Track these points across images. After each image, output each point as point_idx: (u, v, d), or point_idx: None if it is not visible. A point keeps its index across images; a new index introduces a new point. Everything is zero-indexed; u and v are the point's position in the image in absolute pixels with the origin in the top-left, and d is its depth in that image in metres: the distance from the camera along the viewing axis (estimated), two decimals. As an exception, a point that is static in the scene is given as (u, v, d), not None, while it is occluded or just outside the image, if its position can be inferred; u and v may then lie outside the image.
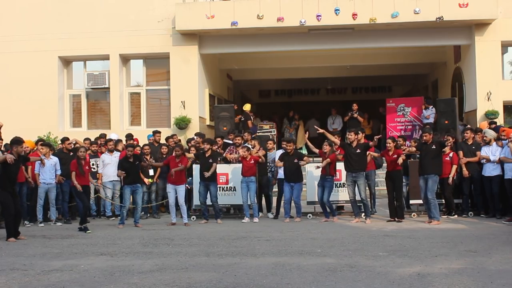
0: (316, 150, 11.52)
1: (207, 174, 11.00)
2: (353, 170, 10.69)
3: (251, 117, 16.75)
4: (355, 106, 17.21)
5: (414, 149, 11.04)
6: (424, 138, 10.83)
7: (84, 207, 10.60)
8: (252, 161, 11.27)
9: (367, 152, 10.99)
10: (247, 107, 16.75)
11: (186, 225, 10.85)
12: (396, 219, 10.77)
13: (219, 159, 11.77)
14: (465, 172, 11.30)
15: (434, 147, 10.64)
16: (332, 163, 11.02)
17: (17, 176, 9.81)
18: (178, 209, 11.26)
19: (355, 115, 16.96)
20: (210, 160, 11.21)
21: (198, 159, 11.53)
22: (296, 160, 11.08)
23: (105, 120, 17.09)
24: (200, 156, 11.42)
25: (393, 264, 6.82)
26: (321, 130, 11.96)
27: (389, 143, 10.87)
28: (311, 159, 11.69)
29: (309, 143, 11.65)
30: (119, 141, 12.83)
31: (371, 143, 10.96)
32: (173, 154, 11.41)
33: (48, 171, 11.25)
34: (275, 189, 12.26)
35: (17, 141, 9.62)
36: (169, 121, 16.27)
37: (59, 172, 11.53)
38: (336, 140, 11.36)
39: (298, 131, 19.43)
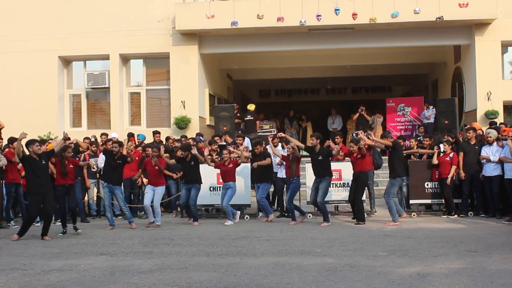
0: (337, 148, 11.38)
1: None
2: (319, 175, 10.66)
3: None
4: (364, 108, 17.25)
5: (389, 143, 10.81)
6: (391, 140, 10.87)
7: (72, 205, 10.38)
8: (231, 165, 11.10)
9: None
10: (252, 107, 16.69)
11: (157, 226, 10.69)
12: (362, 222, 10.54)
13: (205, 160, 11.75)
14: (462, 174, 11.30)
15: (390, 149, 10.68)
16: (297, 161, 10.90)
17: (47, 175, 9.60)
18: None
19: (364, 114, 17.06)
20: (192, 163, 11.02)
21: (180, 164, 11.35)
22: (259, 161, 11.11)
23: (105, 120, 17.10)
24: (181, 161, 11.22)
25: (393, 264, 6.82)
26: (282, 135, 11.86)
27: (352, 147, 10.72)
28: (269, 160, 11.39)
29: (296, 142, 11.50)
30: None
31: (334, 151, 10.72)
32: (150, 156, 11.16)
33: None
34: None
35: (31, 141, 9.48)
36: (169, 121, 16.28)
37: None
38: (300, 144, 11.34)
39: (306, 132, 19.40)
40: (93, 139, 12.81)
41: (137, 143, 13.40)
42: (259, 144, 11.38)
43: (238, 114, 16.99)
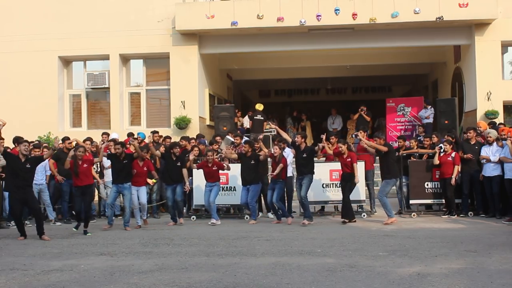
0: (330, 152, 11.40)
1: (187, 188, 11.00)
2: (301, 173, 10.66)
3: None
4: (364, 109, 17.21)
5: (375, 148, 10.84)
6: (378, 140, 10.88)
7: (86, 208, 10.31)
8: (215, 167, 11.05)
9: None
10: (261, 107, 16.64)
11: (145, 222, 10.78)
12: (347, 220, 10.54)
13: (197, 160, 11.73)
14: (468, 155, 11.28)
15: (383, 152, 10.66)
16: (284, 167, 10.89)
17: (29, 177, 9.55)
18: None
19: (364, 114, 17.01)
20: (178, 164, 11.02)
21: (164, 159, 11.31)
22: (252, 162, 11.02)
23: (105, 120, 17.09)
24: (166, 158, 11.18)
25: (393, 264, 6.82)
26: (273, 126, 11.84)
27: (341, 147, 10.68)
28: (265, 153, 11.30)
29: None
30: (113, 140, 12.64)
31: (316, 148, 10.82)
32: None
33: (39, 172, 11.15)
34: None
35: (21, 141, 9.57)
36: (169, 121, 16.28)
37: (48, 173, 11.51)
38: (288, 138, 11.27)
39: (306, 132, 19.44)
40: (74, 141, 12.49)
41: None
42: (248, 143, 11.30)
43: (237, 114, 16.98)
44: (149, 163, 11.12)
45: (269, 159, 11.63)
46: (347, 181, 10.70)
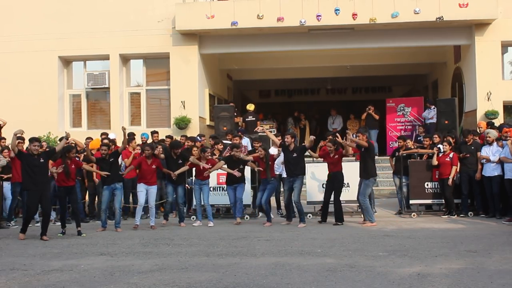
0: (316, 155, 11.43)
1: (174, 175, 10.81)
2: (292, 174, 10.55)
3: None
4: (372, 108, 17.15)
5: (365, 143, 10.78)
6: (362, 139, 10.84)
7: (74, 208, 10.27)
8: (209, 165, 11.00)
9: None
10: (251, 107, 16.66)
11: (153, 228, 10.55)
12: (340, 223, 10.51)
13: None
14: (464, 154, 11.33)
15: (363, 149, 10.65)
16: (272, 162, 11.01)
17: (46, 172, 9.68)
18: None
19: (372, 113, 16.93)
20: (180, 161, 11.06)
21: (166, 159, 11.29)
22: (241, 166, 11.05)
23: (105, 120, 17.08)
24: (168, 158, 11.20)
25: (393, 264, 6.83)
26: (261, 129, 11.92)
27: (330, 147, 10.64)
28: (255, 165, 11.24)
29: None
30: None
31: (307, 144, 10.86)
32: (143, 154, 11.08)
33: None
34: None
35: (31, 140, 9.67)
36: (169, 121, 16.27)
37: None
38: (277, 140, 11.23)
39: (305, 132, 19.48)
40: (72, 141, 12.27)
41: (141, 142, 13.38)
42: (235, 147, 11.29)
43: (235, 114, 16.99)
44: (159, 161, 11.07)
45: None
46: (333, 181, 10.65)
